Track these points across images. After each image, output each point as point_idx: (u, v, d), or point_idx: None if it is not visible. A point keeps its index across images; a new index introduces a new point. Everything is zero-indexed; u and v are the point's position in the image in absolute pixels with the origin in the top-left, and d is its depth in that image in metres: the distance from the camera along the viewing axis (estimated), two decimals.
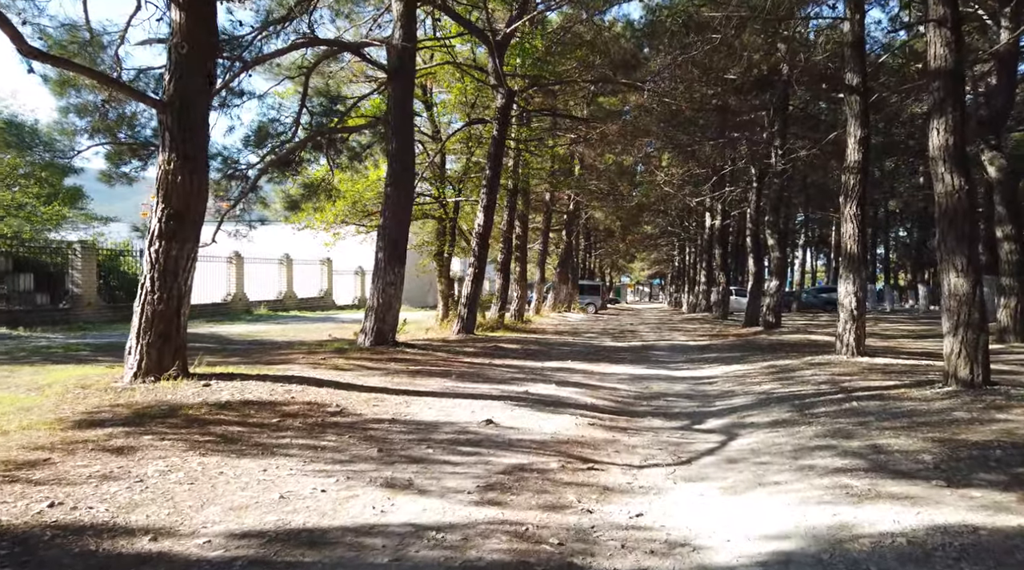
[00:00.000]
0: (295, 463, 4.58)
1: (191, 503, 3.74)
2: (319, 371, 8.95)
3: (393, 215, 12.61)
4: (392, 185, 12.63)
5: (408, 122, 12.83)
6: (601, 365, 12.13)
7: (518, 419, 6.55)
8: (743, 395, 8.63)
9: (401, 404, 6.87)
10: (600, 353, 14.39)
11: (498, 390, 8.30)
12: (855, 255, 11.23)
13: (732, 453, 5.66)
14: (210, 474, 4.23)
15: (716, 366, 12.01)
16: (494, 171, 17.22)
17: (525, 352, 13.91)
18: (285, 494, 3.96)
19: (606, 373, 11.06)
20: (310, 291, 33.57)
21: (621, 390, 9.33)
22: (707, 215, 35.99)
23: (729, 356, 13.52)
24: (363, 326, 12.62)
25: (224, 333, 17.70)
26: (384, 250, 12.56)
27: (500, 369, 10.77)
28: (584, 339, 18.58)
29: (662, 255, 70.21)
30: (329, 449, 4.99)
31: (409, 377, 8.99)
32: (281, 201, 16.45)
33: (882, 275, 59.07)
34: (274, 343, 14.74)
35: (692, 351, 15.21)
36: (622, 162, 35.62)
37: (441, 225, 20.19)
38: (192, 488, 3.97)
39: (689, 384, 10.04)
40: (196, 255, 7.45)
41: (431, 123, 19.55)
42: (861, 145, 11.23)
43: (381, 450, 5.04)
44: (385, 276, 12.50)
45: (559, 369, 11.27)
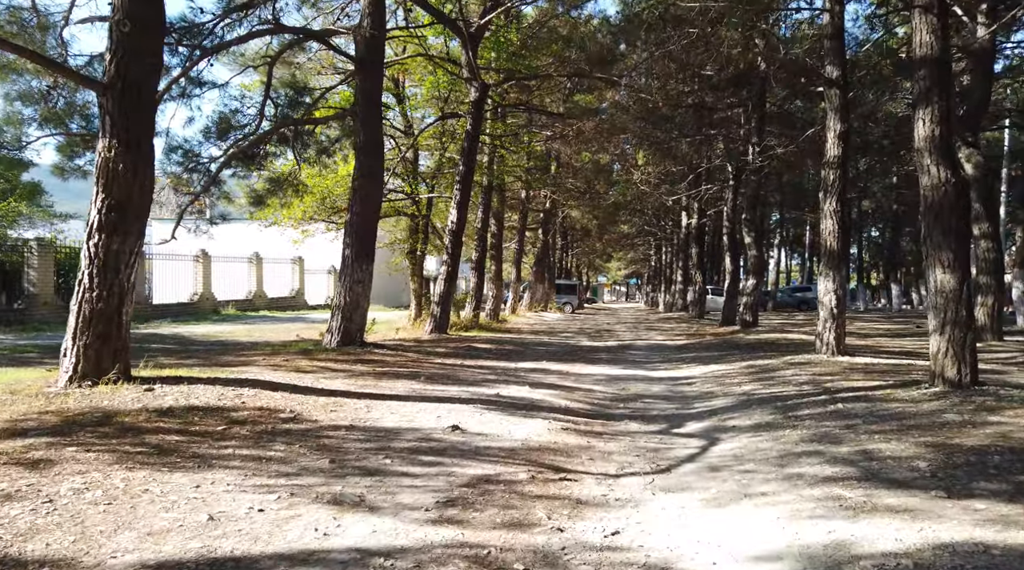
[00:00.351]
0: (234, 477, 4.11)
1: (103, 528, 3.26)
2: (278, 374, 8.45)
3: (361, 210, 12.11)
4: (360, 179, 12.12)
5: (377, 114, 12.35)
6: (577, 366, 11.77)
7: (487, 424, 6.13)
8: (723, 396, 8.29)
9: (362, 409, 6.41)
10: (576, 353, 14.03)
11: (468, 393, 7.87)
12: (835, 252, 10.99)
13: (714, 460, 5.29)
14: (133, 492, 3.75)
15: (694, 366, 11.70)
16: (467, 167, 16.79)
17: (499, 352, 13.49)
18: (216, 515, 3.50)
19: (582, 374, 10.69)
20: (281, 290, 32.81)
21: (597, 392, 8.95)
22: (683, 214, 35.87)
23: (707, 356, 13.23)
24: (329, 325, 12.11)
25: (187, 334, 17.05)
26: (352, 246, 12.06)
27: (472, 370, 10.34)
28: (560, 339, 18.22)
29: (639, 254, 70.29)
30: (276, 460, 4.53)
31: (375, 379, 8.52)
32: (246, 196, 15.84)
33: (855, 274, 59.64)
34: (238, 344, 14.16)
35: (670, 351, 14.92)
36: (599, 161, 35.36)
37: (414, 222, 19.68)
38: (108, 509, 3.49)
39: (667, 385, 9.70)
40: (140, 250, 6.91)
41: (403, 118, 19.05)
42: (841, 139, 10.99)
43: (333, 461, 4.58)
44: (353, 273, 12.01)
45: (533, 370, 10.88)
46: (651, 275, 70.85)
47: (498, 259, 24.90)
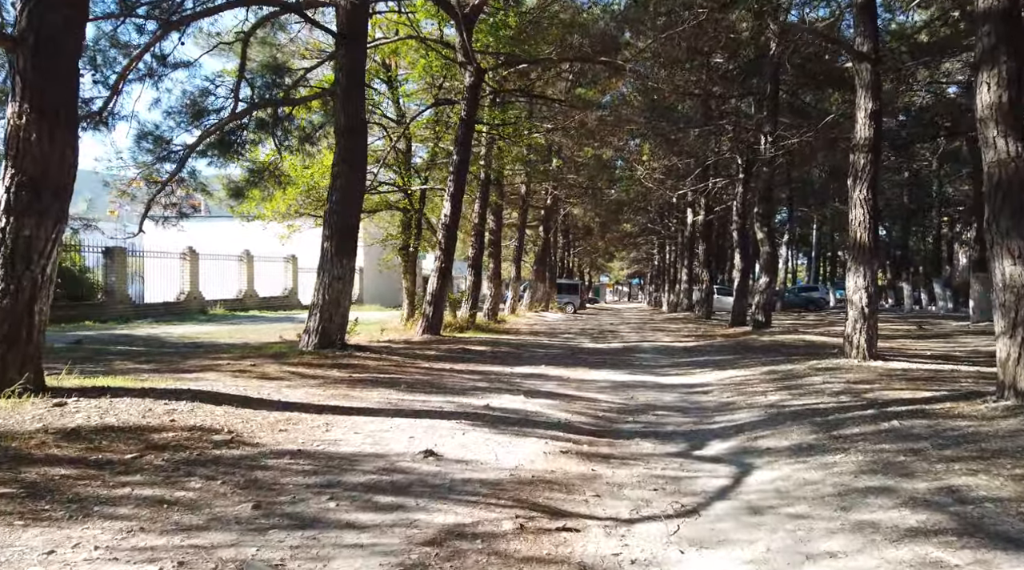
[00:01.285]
0: (112, 534, 3.02)
1: None
2: (238, 381, 7.36)
3: (342, 199, 11.03)
4: (341, 164, 11.04)
5: (359, 93, 11.25)
6: (579, 371, 10.67)
7: (469, 447, 5.03)
8: (747, 408, 7.19)
9: (319, 427, 5.31)
10: (578, 356, 12.93)
11: (452, 405, 6.78)
12: (865, 245, 9.88)
13: (752, 496, 4.20)
14: None
15: (708, 371, 10.59)
16: (462, 156, 15.70)
17: (494, 355, 12.40)
18: None
19: (585, 380, 9.59)
20: (273, 289, 31.73)
21: (602, 402, 7.86)
22: (688, 211, 34.75)
23: (721, 359, 12.12)
24: (307, 326, 11.02)
25: (163, 335, 15.98)
26: (331, 239, 10.98)
27: (461, 376, 9.25)
28: (561, 340, 17.12)
29: (641, 254, 69.26)
30: (182, 506, 3.44)
31: (347, 388, 7.43)
32: (224, 188, 14.76)
33: None
34: (214, 346, 13.10)
35: (679, 353, 13.81)
36: (601, 156, 34.27)
37: (407, 217, 18.60)
38: None
39: (681, 393, 8.60)
40: (60, 236, 5.82)
41: (395, 105, 17.96)
42: (872, 119, 9.88)
43: (259, 506, 3.49)
44: (332, 269, 10.92)
45: (530, 376, 9.78)
46: (654, 274, 69.78)
47: (497, 257, 23.82)
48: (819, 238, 52.30)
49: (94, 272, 23.13)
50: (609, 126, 26.14)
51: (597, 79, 27.98)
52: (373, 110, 17.82)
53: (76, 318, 19.88)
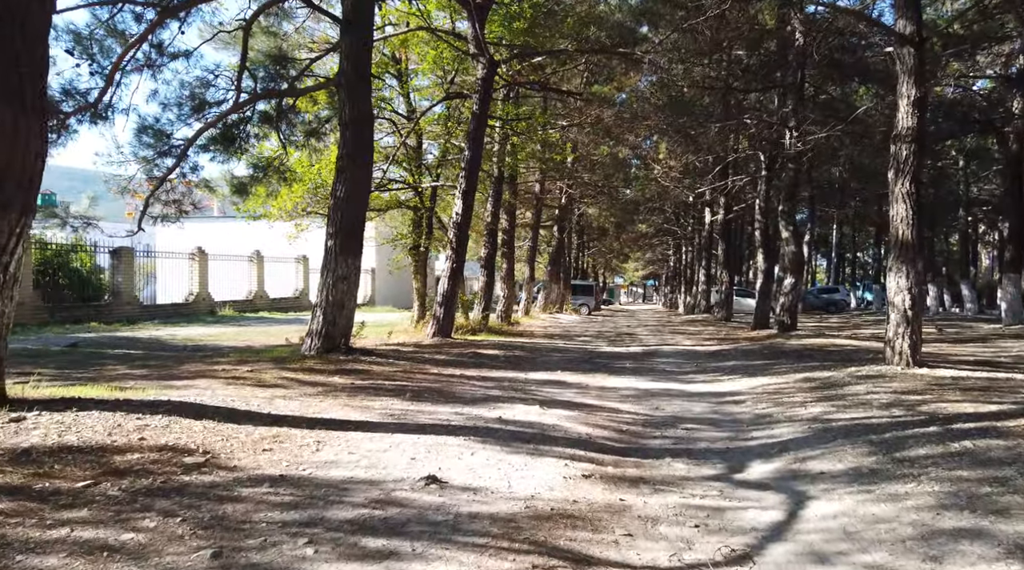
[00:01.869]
0: None
1: None
2: (229, 389, 6.78)
3: (347, 195, 10.44)
4: (346, 158, 10.46)
5: (365, 83, 10.67)
6: (598, 377, 10.00)
7: (479, 471, 4.39)
8: (788, 422, 6.50)
9: (309, 446, 4.70)
10: (596, 361, 12.26)
11: (461, 417, 6.15)
12: (909, 242, 9.14)
13: (814, 537, 3.53)
14: None
15: (737, 378, 9.88)
16: (474, 152, 15.09)
17: (508, 360, 11.77)
18: None
19: (605, 388, 8.93)
20: (284, 291, 31.33)
21: (625, 413, 7.19)
22: (707, 211, 33.96)
23: (749, 365, 11.40)
24: (309, 329, 10.44)
25: (166, 337, 15.50)
26: (335, 237, 10.40)
27: (472, 384, 8.63)
28: (577, 344, 16.46)
29: (656, 255, 68.47)
30: (126, 553, 2.82)
31: (348, 397, 6.83)
32: (228, 185, 14.23)
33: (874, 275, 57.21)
34: (215, 349, 12.59)
35: (703, 358, 13.10)
36: (617, 154, 33.57)
37: (417, 216, 18.03)
38: None
39: (711, 403, 7.91)
40: (26, 231, 5.25)
41: (405, 100, 17.38)
42: (916, 107, 9.14)
43: (220, 553, 2.86)
44: (336, 269, 10.34)
45: (547, 383, 9.14)
46: (669, 276, 68.90)
47: (510, 257, 23.20)
48: (839, 239, 51.21)
49: (103, 273, 22.82)
50: (626, 123, 25.47)
51: (613, 75, 27.33)
52: (383, 106, 17.27)
53: (82, 319, 19.51)
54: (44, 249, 21.29)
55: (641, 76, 29.36)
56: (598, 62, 25.05)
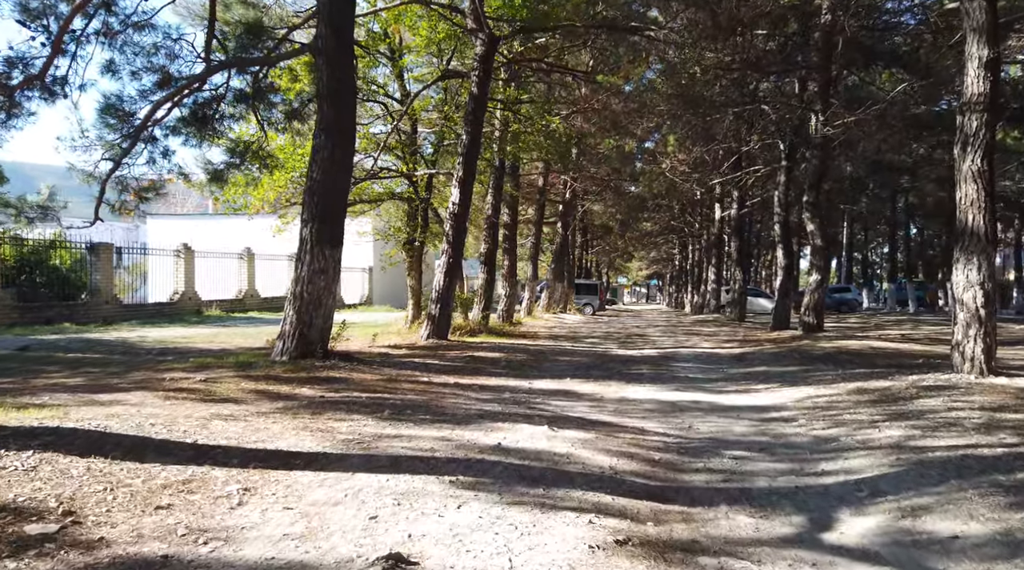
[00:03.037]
0: None
1: None
2: (163, 407, 5.45)
3: (324, 177, 9.10)
4: (324, 135, 9.12)
5: (346, 48, 9.31)
6: (612, 385, 8.64)
7: (467, 538, 3.04)
8: (863, 450, 5.13)
9: (229, 497, 3.34)
10: (608, 366, 10.90)
11: (450, 444, 4.81)
12: (980, 230, 7.77)
13: None
14: None
15: (775, 387, 8.51)
16: (472, 136, 13.75)
17: (509, 366, 10.42)
18: None
19: (623, 400, 7.57)
20: (277, 289, 29.96)
21: (652, 434, 5.83)
22: (716, 206, 32.59)
23: (784, 372, 10.03)
24: (281, 331, 9.10)
25: (137, 339, 14.18)
26: (311, 224, 9.05)
27: (468, 396, 7.28)
28: (585, 346, 15.10)
29: (661, 254, 67.17)
30: None
31: (310, 417, 5.49)
32: (203, 171, 12.91)
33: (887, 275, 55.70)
34: (183, 352, 11.28)
35: (727, 362, 11.72)
36: (624, 147, 32.23)
37: (411, 207, 16.69)
38: None
39: (753, 421, 6.54)
40: None
41: (398, 82, 16.02)
42: (988, 70, 7.77)
43: None
44: (313, 261, 8.99)
45: (554, 393, 7.79)
46: (675, 275, 67.61)
47: (512, 253, 21.85)
48: (850, 237, 49.82)
49: (85, 271, 21.61)
50: (633, 113, 24.17)
51: (619, 62, 25.98)
52: (374, 89, 15.95)
53: (54, 320, 18.23)
54: (20, 246, 20.11)
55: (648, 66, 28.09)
56: (604, 48, 23.75)
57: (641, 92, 26.65)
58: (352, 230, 19.34)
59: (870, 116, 15.23)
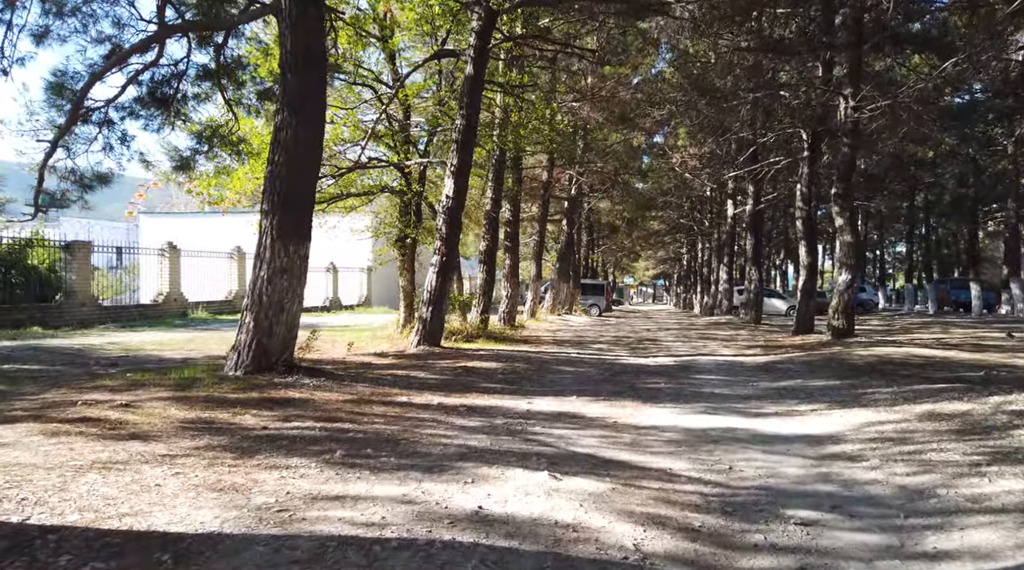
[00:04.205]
0: None
1: None
2: (41, 448, 4.12)
3: (288, 160, 7.76)
4: (287, 111, 7.79)
5: (314, 9, 7.95)
6: (627, 406, 7.26)
7: None
8: (980, 513, 3.74)
9: None
10: (620, 379, 9.50)
11: (410, 511, 3.43)
12: None
13: None
14: None
15: (822, 409, 7.11)
16: (468, 120, 12.41)
17: (506, 379, 9.05)
18: None
19: (642, 428, 6.18)
20: None
21: (685, 481, 4.45)
22: (729, 203, 31.16)
23: (824, 386, 8.62)
24: (236, 340, 7.77)
25: (102, 345, 12.85)
26: (272, 215, 7.71)
27: (451, 423, 5.92)
28: (592, 352, 13.71)
29: (669, 253, 65.77)
30: None
31: (233, 462, 4.14)
32: (168, 158, 11.59)
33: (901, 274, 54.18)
34: (146, 360, 10.03)
35: (754, 374, 10.31)
36: (631, 141, 30.84)
37: (403, 202, 15.34)
38: None
39: (808, 459, 5.15)
40: None
41: (389, 64, 14.66)
42: None
43: None
44: (274, 259, 7.67)
45: (557, 418, 6.42)
46: (682, 275, 66.23)
47: (514, 252, 20.50)
48: (865, 234, 48.26)
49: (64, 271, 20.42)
50: (642, 103, 22.85)
51: (627, 51, 24.63)
52: (364, 72, 14.61)
53: (25, 324, 16.94)
54: None
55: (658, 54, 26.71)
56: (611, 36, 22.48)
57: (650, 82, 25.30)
58: (345, 228, 18.01)
59: (908, 99, 13.77)
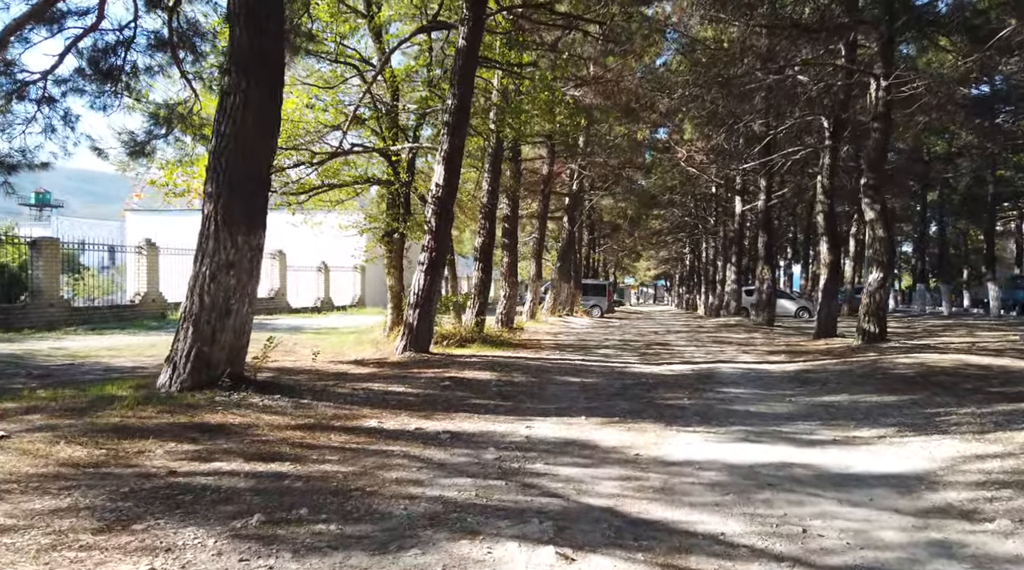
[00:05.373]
0: None
1: None
2: None
3: (238, 132, 6.41)
4: (235, 72, 6.46)
5: None
6: (647, 430, 5.91)
7: None
8: None
9: None
10: (634, 393, 8.13)
11: None
12: None
13: None
14: None
15: (891, 435, 5.75)
16: (460, 99, 11.08)
17: (500, 392, 7.70)
18: None
19: (672, 465, 4.83)
20: (258, 290, 27.33)
21: (746, 557, 3.10)
22: (737, 200, 29.83)
23: (879, 403, 7.26)
24: (172, 351, 6.42)
25: (50, 351, 11.53)
26: (216, 200, 6.36)
27: (422, 463, 4.56)
28: (598, 359, 12.35)
29: (671, 253, 64.50)
30: None
31: (93, 537, 2.79)
32: (120, 141, 10.23)
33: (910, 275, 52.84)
34: (91, 370, 8.85)
35: (787, 385, 8.93)
36: (635, 134, 29.53)
37: (391, 194, 14.00)
38: None
39: (907, 517, 3.79)
40: None
41: (374, 39, 13.29)
42: None
43: None
44: (218, 251, 6.32)
45: (563, 449, 5.06)
46: (685, 275, 64.96)
47: (512, 250, 19.15)
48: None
49: None
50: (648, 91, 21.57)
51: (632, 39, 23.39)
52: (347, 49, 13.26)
53: None
54: None
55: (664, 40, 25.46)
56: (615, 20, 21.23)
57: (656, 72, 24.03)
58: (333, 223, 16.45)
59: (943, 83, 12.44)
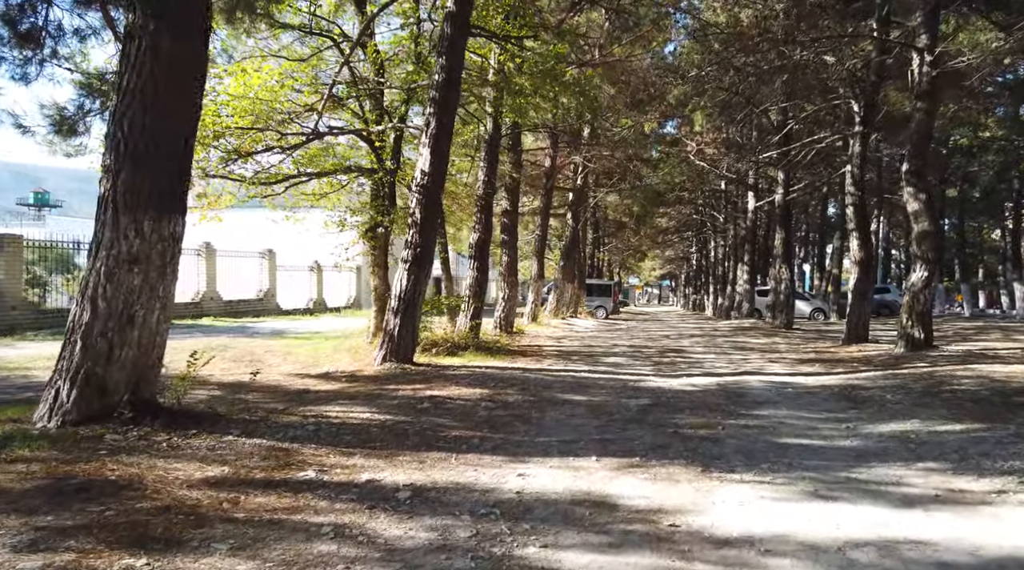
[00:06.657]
0: None
1: None
2: None
3: (144, 87, 4.94)
4: (139, 11, 4.99)
5: None
6: (681, 479, 4.41)
7: None
8: None
9: None
10: (655, 417, 6.60)
11: None
12: None
13: None
14: None
15: (1016, 489, 4.27)
16: (449, 72, 9.63)
17: (488, 419, 6.20)
18: None
19: (724, 545, 3.29)
20: (244, 291, 25.80)
21: None
22: (750, 195, 28.37)
23: (967, 435, 5.73)
24: (56, 369, 4.95)
25: None
26: (115, 174, 4.89)
27: (365, 543, 3.07)
28: (607, 368, 10.82)
29: (677, 252, 63.11)
30: None
31: None
32: (45, 116, 8.78)
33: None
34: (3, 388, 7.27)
35: (837, 406, 7.40)
36: (643, 126, 28.08)
37: (374, 183, 12.54)
38: None
39: None
40: None
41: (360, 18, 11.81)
42: None
43: None
44: (116, 241, 4.82)
45: (567, 516, 3.53)
46: (691, 275, 63.55)
47: (512, 248, 17.68)
48: (887, 230, 45.28)
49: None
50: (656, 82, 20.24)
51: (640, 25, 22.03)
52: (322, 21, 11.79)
53: None
54: None
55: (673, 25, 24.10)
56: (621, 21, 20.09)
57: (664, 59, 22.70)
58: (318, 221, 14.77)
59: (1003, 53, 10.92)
